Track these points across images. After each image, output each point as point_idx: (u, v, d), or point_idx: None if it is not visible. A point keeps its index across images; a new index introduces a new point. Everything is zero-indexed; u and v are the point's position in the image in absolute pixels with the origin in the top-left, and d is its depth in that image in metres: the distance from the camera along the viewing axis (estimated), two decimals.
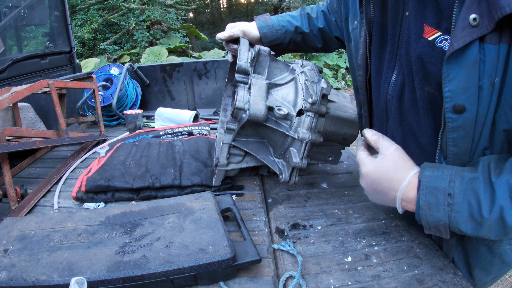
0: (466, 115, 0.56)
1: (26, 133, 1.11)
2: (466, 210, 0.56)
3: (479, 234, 0.56)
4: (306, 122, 0.78)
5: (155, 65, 2.30)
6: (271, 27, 1.00)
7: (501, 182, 0.53)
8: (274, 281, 0.66)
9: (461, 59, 0.53)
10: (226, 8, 15.79)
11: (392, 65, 0.71)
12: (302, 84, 0.81)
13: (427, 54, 0.60)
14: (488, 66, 0.52)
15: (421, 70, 0.62)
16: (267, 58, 0.84)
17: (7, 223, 0.74)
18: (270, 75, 0.85)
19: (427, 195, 0.60)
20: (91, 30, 8.33)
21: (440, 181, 0.59)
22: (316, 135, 0.79)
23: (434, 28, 0.58)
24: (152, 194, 0.97)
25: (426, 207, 0.60)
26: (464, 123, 0.57)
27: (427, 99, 0.64)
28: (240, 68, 0.81)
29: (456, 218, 0.57)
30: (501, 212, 0.52)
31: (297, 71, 0.85)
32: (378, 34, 0.72)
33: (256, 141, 0.89)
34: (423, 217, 0.61)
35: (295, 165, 0.80)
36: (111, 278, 0.59)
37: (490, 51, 0.51)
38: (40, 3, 2.17)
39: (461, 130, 0.58)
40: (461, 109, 0.55)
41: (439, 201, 0.58)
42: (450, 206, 0.57)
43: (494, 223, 0.54)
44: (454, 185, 0.57)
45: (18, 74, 1.89)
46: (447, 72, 0.55)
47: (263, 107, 0.77)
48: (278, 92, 0.83)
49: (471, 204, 0.55)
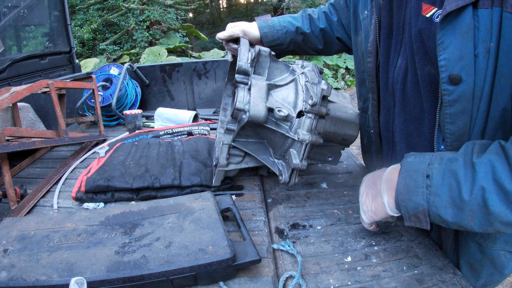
0: (463, 86, 0.55)
1: (26, 133, 1.11)
2: (446, 193, 0.53)
3: (461, 222, 0.53)
4: (306, 123, 0.78)
5: (154, 65, 2.30)
6: (271, 27, 1.00)
7: (483, 162, 0.51)
8: (274, 281, 0.66)
9: (455, 25, 0.53)
10: (225, 8, 15.79)
11: (398, 50, 0.72)
12: (302, 85, 0.81)
13: (425, 30, 0.60)
14: (482, 31, 0.51)
15: (421, 49, 0.63)
16: (267, 59, 0.84)
17: (7, 223, 0.74)
18: (270, 76, 0.85)
19: (406, 178, 0.59)
20: (91, 30, 8.33)
21: (420, 164, 0.58)
22: (316, 136, 0.79)
23: (430, 4, 0.59)
24: (152, 194, 0.97)
25: (405, 190, 0.58)
26: (461, 95, 0.55)
27: (427, 80, 0.64)
28: (240, 68, 0.81)
29: (435, 203, 0.55)
30: (483, 195, 0.49)
31: (297, 72, 0.84)
32: (386, 20, 0.73)
33: (256, 141, 0.89)
34: (401, 204, 0.59)
35: (295, 166, 0.80)
36: (110, 278, 0.59)
37: (483, 16, 0.51)
38: (39, 3, 2.17)
39: (458, 104, 0.57)
40: (457, 79, 0.54)
41: (417, 183, 0.57)
42: (429, 188, 0.55)
43: (476, 208, 0.50)
44: (432, 167, 0.56)
45: (18, 74, 1.88)
46: (441, 39, 0.54)
47: (263, 108, 0.77)
48: (278, 93, 0.83)
49: (451, 186, 0.53)
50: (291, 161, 0.80)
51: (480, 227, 0.52)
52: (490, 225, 0.50)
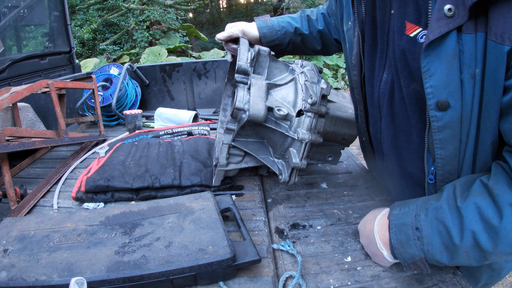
0: (451, 112, 0.54)
1: (26, 133, 1.11)
2: (438, 241, 0.55)
3: (458, 262, 0.55)
4: (306, 122, 0.78)
5: (154, 65, 2.30)
6: (270, 27, 1.00)
7: (468, 205, 0.53)
8: (274, 281, 0.66)
9: (440, 52, 0.51)
10: (225, 8, 15.79)
11: (383, 64, 0.71)
12: (302, 84, 0.81)
13: (409, 50, 0.59)
14: (467, 57, 0.50)
15: (406, 67, 0.62)
16: (266, 59, 0.84)
17: (7, 223, 0.74)
18: (269, 75, 0.85)
19: (397, 233, 0.61)
20: (91, 30, 8.33)
21: (407, 216, 0.60)
22: (315, 135, 0.79)
23: (415, 24, 0.57)
24: (152, 194, 0.97)
25: (399, 245, 0.60)
26: (450, 121, 0.55)
27: (413, 97, 0.63)
28: (240, 68, 0.81)
29: (430, 251, 0.57)
30: (474, 237, 0.51)
31: (296, 71, 0.85)
32: (369, 34, 0.73)
33: (255, 141, 0.89)
34: (399, 256, 0.62)
35: (294, 165, 0.80)
36: (110, 278, 0.59)
37: (467, 41, 0.49)
38: (39, 3, 2.17)
39: (448, 129, 0.56)
40: (445, 105, 0.53)
41: (408, 237, 0.59)
42: (421, 240, 0.57)
43: (470, 250, 0.53)
44: (420, 218, 0.58)
45: (18, 74, 1.88)
46: (426, 67, 0.53)
47: (263, 107, 0.77)
48: (278, 92, 0.83)
49: (441, 234, 0.55)
50: (290, 160, 0.81)
51: (477, 262, 0.54)
52: (486, 259, 0.53)
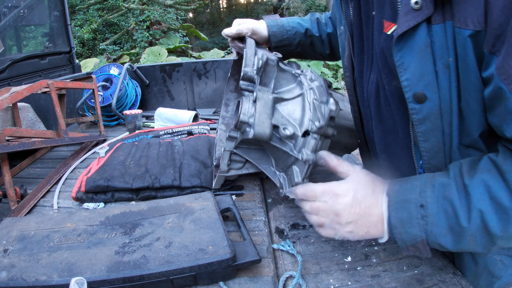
0: (429, 104, 0.53)
1: (26, 133, 1.11)
2: (444, 221, 0.51)
3: (463, 247, 0.52)
4: (311, 143, 0.75)
5: (154, 65, 2.30)
6: (281, 26, 0.97)
7: (476, 183, 0.49)
8: (274, 281, 0.66)
9: (412, 45, 0.51)
10: (225, 8, 15.79)
11: (369, 64, 0.72)
12: (310, 102, 0.78)
13: (387, 48, 0.59)
14: (439, 47, 0.50)
15: (386, 66, 0.62)
16: (274, 69, 0.81)
17: (7, 223, 0.74)
18: (276, 85, 0.83)
19: (398, 210, 0.55)
20: (91, 30, 8.34)
21: (410, 192, 0.55)
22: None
23: (391, 21, 0.57)
24: (152, 194, 0.97)
25: (399, 224, 0.55)
26: (429, 113, 0.54)
27: (395, 94, 0.63)
28: (246, 75, 0.79)
29: (433, 232, 0.52)
30: (482, 217, 0.48)
31: (305, 85, 0.81)
32: (357, 36, 0.74)
33: (258, 149, 0.88)
34: (397, 236, 0.56)
35: (296, 185, 0.79)
36: (111, 278, 0.59)
37: (437, 31, 0.50)
38: (39, 3, 2.17)
39: (428, 121, 0.55)
40: (422, 97, 0.53)
41: (411, 214, 0.53)
42: (425, 219, 0.52)
43: (476, 232, 0.49)
44: (425, 195, 0.53)
45: (18, 74, 1.88)
46: (400, 60, 0.53)
47: (268, 126, 0.75)
48: (284, 107, 0.80)
49: (447, 214, 0.51)
50: (293, 178, 0.79)
51: (483, 248, 0.50)
52: (493, 244, 0.49)
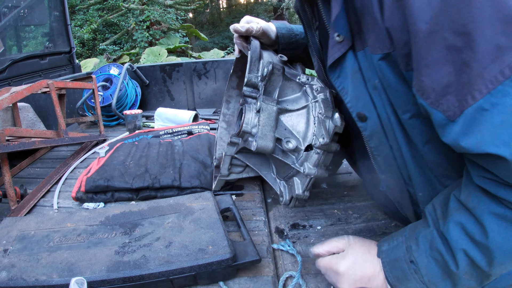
0: (370, 122, 0.59)
1: (26, 133, 1.11)
2: (436, 269, 0.53)
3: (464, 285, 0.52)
4: (314, 158, 0.74)
5: (154, 65, 2.30)
6: (290, 30, 0.96)
7: (451, 226, 0.51)
8: (274, 281, 0.66)
9: (346, 71, 0.59)
10: (225, 8, 15.79)
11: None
12: (314, 116, 0.77)
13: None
14: (366, 71, 0.56)
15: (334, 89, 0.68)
16: (280, 78, 0.80)
17: (7, 223, 0.74)
18: (281, 94, 0.81)
19: (392, 270, 0.58)
20: (91, 30, 8.34)
21: (397, 250, 0.57)
22: (322, 170, 0.76)
23: None
24: (152, 194, 0.97)
25: (397, 281, 0.57)
26: (373, 130, 0.60)
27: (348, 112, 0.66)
28: (250, 81, 0.77)
29: (431, 281, 0.54)
30: (467, 255, 0.48)
31: (310, 97, 0.80)
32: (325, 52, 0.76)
33: (259, 155, 0.88)
34: None
35: (297, 196, 0.78)
36: (110, 278, 0.59)
37: (361, 57, 0.56)
38: (39, 3, 2.17)
39: (374, 138, 0.61)
40: (363, 117, 0.59)
41: (405, 271, 0.56)
42: (418, 272, 0.54)
43: (469, 270, 0.50)
44: (411, 250, 0.55)
45: (18, 74, 1.88)
46: (341, 86, 0.61)
47: (271, 139, 0.74)
48: (288, 118, 0.79)
49: (438, 262, 0.52)
50: (293, 189, 0.78)
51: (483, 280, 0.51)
52: (489, 278, 0.50)
